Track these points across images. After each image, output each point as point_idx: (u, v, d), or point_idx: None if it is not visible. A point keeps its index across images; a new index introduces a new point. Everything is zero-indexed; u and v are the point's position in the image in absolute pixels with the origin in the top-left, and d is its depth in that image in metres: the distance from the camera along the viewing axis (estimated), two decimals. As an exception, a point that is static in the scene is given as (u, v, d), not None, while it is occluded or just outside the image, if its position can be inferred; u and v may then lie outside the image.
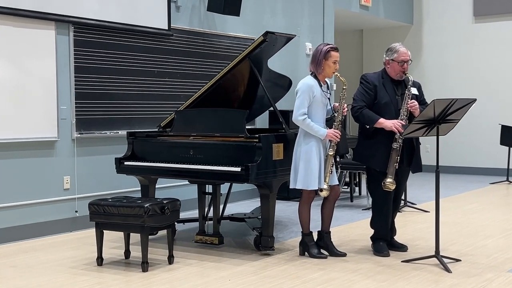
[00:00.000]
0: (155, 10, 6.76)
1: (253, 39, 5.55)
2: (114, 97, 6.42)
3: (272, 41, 5.21)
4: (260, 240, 5.02)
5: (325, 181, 4.78)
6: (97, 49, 6.23)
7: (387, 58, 4.98)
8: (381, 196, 4.94)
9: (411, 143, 4.97)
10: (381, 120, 4.81)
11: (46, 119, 5.84)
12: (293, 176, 4.86)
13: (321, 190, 4.78)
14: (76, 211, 6.10)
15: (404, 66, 4.91)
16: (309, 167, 4.76)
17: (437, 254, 4.64)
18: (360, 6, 10.17)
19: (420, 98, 5.04)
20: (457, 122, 4.72)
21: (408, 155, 4.96)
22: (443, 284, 4.19)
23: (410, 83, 4.89)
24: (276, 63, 6.91)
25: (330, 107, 4.98)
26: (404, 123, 4.77)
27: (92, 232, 4.95)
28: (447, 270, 4.48)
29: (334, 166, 4.86)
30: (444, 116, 4.56)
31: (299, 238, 5.08)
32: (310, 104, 4.81)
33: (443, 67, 11.35)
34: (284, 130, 5.21)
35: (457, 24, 11.19)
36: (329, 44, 4.89)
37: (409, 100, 4.85)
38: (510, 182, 9.65)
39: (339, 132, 4.82)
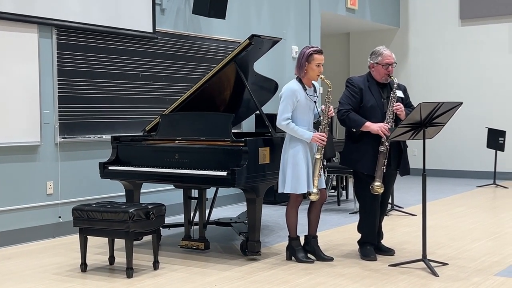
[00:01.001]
0: (140, 12, 6.71)
1: (239, 42, 5.52)
2: (98, 101, 6.35)
3: (258, 44, 5.18)
4: (247, 245, 4.98)
5: (314, 185, 4.75)
6: (80, 52, 6.17)
7: (371, 61, 4.97)
8: (368, 200, 4.92)
9: (399, 146, 4.96)
10: (367, 123, 4.79)
11: (28, 123, 5.76)
12: (281, 180, 4.83)
13: (310, 194, 4.75)
14: (60, 217, 6.03)
15: (389, 69, 4.90)
16: (297, 171, 4.73)
17: (424, 258, 4.62)
18: (346, 9, 10.17)
19: (406, 101, 5.04)
20: (444, 126, 4.71)
21: (395, 158, 4.95)
22: (431, 288, 4.17)
23: (395, 85, 4.89)
24: (262, 66, 6.87)
25: (317, 110, 4.96)
26: (390, 126, 4.76)
27: (76, 238, 4.89)
28: (434, 274, 4.46)
29: (321, 169, 4.83)
30: (431, 119, 4.55)
31: (286, 242, 5.04)
32: (294, 108, 4.79)
33: (429, 70, 11.38)
34: (270, 133, 5.17)
35: (443, 27, 11.23)
36: (312, 47, 4.87)
37: (394, 103, 4.84)
38: (497, 185, 9.68)
39: (325, 135, 4.79)
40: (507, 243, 5.57)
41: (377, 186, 4.78)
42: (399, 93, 4.95)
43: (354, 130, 4.90)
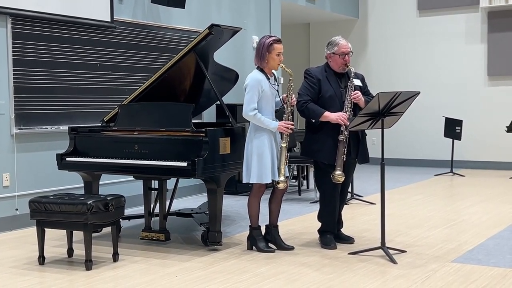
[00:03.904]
0: (97, 1, 6.59)
1: (199, 32, 5.47)
2: (55, 91, 6.24)
3: (218, 34, 5.16)
4: (208, 235, 4.97)
5: (281, 173, 4.77)
6: (36, 41, 6.04)
7: (328, 52, 5.01)
8: (328, 189, 4.96)
9: (357, 134, 5.01)
10: (326, 113, 4.83)
11: (-17, 114, 5.63)
12: (245, 171, 4.82)
13: (278, 182, 4.76)
14: (17, 209, 5.91)
15: (346, 58, 4.95)
16: (262, 160, 4.75)
17: (383, 246, 4.69)
18: (306, -1, 10.20)
19: (364, 89, 5.09)
20: (402, 115, 4.78)
21: (355, 147, 5.00)
22: (389, 275, 4.23)
23: (352, 74, 4.93)
24: (222, 56, 6.84)
25: (279, 98, 4.97)
26: (349, 115, 4.81)
27: (33, 230, 4.80)
28: (393, 261, 4.53)
29: (287, 158, 4.86)
30: (389, 109, 4.60)
31: (247, 232, 5.06)
32: (260, 98, 4.79)
33: (388, 60, 11.51)
34: (231, 124, 5.16)
35: (401, 17, 11.36)
36: (272, 37, 4.87)
37: (352, 92, 4.88)
38: (454, 173, 9.86)
39: (290, 123, 4.81)
40: (464, 230, 5.69)
41: (338, 175, 4.82)
42: (357, 82, 5.00)
43: (314, 120, 4.93)
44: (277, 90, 4.97)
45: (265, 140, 4.78)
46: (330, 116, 4.82)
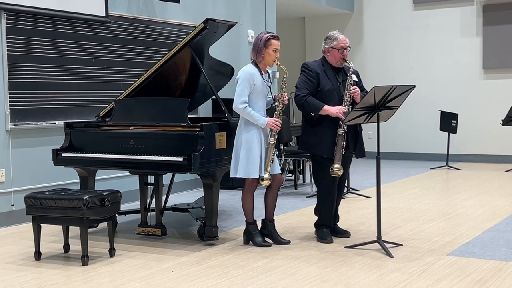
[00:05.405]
0: (92, -4, 6.58)
1: (194, 27, 5.46)
2: (50, 86, 6.22)
3: (213, 28, 5.15)
4: (204, 230, 4.97)
5: (266, 170, 4.76)
6: (31, 37, 6.02)
7: (326, 46, 5.00)
8: (327, 184, 4.96)
9: (356, 128, 5.02)
10: (326, 107, 4.83)
11: (-22, 110, 5.61)
12: (234, 164, 4.82)
13: (262, 179, 4.75)
14: (12, 205, 5.90)
15: (344, 53, 4.95)
16: (251, 155, 4.74)
17: (379, 239, 4.70)
18: (301, -7, 10.18)
19: (359, 85, 5.09)
20: (397, 109, 4.78)
21: (353, 141, 5.01)
22: (385, 268, 4.24)
23: (351, 69, 4.93)
24: (218, 50, 6.84)
25: (271, 97, 4.96)
26: (347, 109, 4.81)
27: (29, 226, 4.80)
28: (389, 254, 4.54)
29: (275, 155, 4.85)
30: (384, 102, 4.61)
31: (243, 227, 5.06)
32: (251, 92, 4.78)
33: (384, 54, 11.50)
34: (227, 118, 5.16)
35: (397, 11, 11.36)
36: (269, 32, 4.87)
37: (351, 87, 4.89)
38: (450, 167, 9.89)
39: (280, 121, 4.80)
40: (459, 223, 5.71)
41: (337, 168, 4.83)
42: (354, 77, 5.00)
43: (313, 114, 4.92)
44: (270, 87, 4.94)
45: (254, 134, 4.77)
46: (330, 110, 4.82)
